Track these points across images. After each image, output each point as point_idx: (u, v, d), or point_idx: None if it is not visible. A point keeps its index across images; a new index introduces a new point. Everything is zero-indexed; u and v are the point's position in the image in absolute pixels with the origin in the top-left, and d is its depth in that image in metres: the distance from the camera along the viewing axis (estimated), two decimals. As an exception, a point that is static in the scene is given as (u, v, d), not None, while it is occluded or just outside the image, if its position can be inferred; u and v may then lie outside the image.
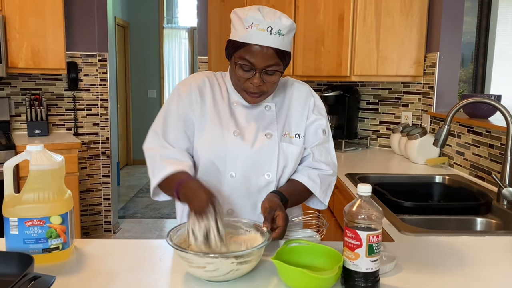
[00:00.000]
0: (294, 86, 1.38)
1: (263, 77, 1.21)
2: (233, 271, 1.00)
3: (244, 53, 1.20)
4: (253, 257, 1.01)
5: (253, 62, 1.19)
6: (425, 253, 1.25)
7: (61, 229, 1.14)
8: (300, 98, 1.36)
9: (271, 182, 1.29)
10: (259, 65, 1.19)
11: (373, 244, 0.98)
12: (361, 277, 0.99)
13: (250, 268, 1.03)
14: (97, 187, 3.89)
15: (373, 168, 2.39)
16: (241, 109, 1.32)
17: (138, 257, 1.19)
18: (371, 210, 0.99)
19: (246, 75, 1.22)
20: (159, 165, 1.23)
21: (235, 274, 1.01)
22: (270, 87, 1.25)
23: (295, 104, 1.36)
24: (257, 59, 1.19)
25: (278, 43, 1.19)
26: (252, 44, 1.18)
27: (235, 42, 1.22)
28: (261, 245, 1.02)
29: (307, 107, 1.36)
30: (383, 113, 2.99)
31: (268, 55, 1.19)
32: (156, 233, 4.04)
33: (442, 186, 2.13)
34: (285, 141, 1.31)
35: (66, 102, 3.70)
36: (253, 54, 1.19)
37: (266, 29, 1.17)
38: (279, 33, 1.19)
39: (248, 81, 1.23)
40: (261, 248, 1.03)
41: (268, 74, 1.22)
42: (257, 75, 1.21)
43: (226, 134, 1.27)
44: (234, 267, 0.99)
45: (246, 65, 1.20)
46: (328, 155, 1.38)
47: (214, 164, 1.28)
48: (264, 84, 1.23)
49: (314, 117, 1.36)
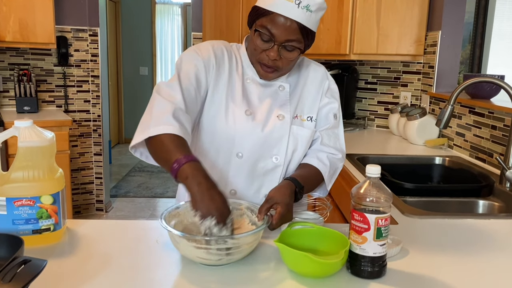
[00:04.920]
0: (310, 67, 1.32)
1: (280, 51, 1.14)
2: (224, 259, 0.97)
3: (267, 21, 1.12)
4: (241, 247, 0.96)
5: (273, 33, 1.12)
6: (430, 236, 1.22)
7: (52, 209, 1.08)
8: (316, 80, 1.30)
9: (278, 166, 1.24)
10: (279, 38, 1.12)
11: (381, 228, 0.94)
12: (368, 262, 0.95)
13: (243, 254, 0.99)
14: (88, 166, 3.82)
15: (372, 149, 2.35)
16: (255, 87, 1.25)
17: (134, 238, 1.14)
18: (380, 192, 0.95)
19: (264, 45, 1.14)
20: (157, 118, 1.06)
21: (226, 260, 0.97)
22: (285, 64, 1.17)
23: (309, 86, 1.29)
24: (279, 31, 1.11)
25: (304, 19, 1.11)
26: (276, 14, 1.10)
27: (259, 9, 1.14)
28: (243, 235, 0.95)
29: (321, 89, 1.30)
30: (382, 93, 2.94)
31: (292, 29, 1.11)
32: (149, 212, 4.00)
33: (442, 168, 2.10)
34: (296, 124, 1.25)
35: (56, 78, 3.60)
36: (275, 25, 1.11)
37: (294, 1, 1.09)
38: (307, 8, 1.11)
39: (264, 52, 1.15)
40: (251, 236, 0.96)
41: (287, 50, 1.14)
42: (275, 47, 1.13)
43: (238, 113, 1.21)
44: (222, 256, 0.95)
45: (266, 34, 1.12)
46: (337, 140, 1.32)
47: (221, 141, 1.22)
48: (280, 60, 1.15)
49: (326, 100, 1.30)
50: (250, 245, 0.98)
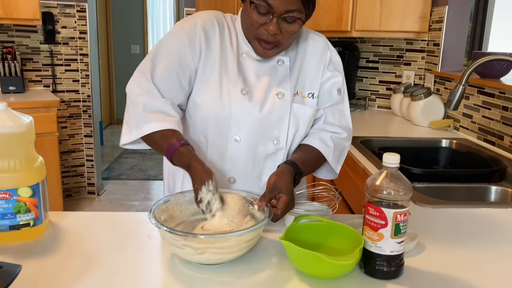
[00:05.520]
0: (309, 37, 1.19)
1: (280, 24, 1.02)
2: (215, 259, 0.87)
3: None
4: (234, 247, 0.85)
5: (271, 3, 0.99)
6: (446, 227, 1.13)
7: (32, 202, 0.97)
8: (316, 51, 1.18)
9: (280, 149, 1.13)
10: (279, 9, 1.00)
11: (400, 224, 0.84)
12: (384, 261, 0.86)
13: (236, 255, 0.88)
14: (79, 148, 3.69)
15: (374, 131, 2.24)
16: (251, 63, 1.13)
17: (123, 233, 1.04)
18: (399, 184, 0.84)
19: (261, 19, 1.03)
20: (143, 119, 1.05)
21: (218, 260, 0.87)
22: (287, 38, 1.05)
23: (309, 58, 1.17)
24: (277, 1, 0.99)
25: None
26: None
27: None
28: (243, 232, 0.85)
29: (322, 62, 1.18)
30: (383, 72, 2.82)
31: None
32: (142, 195, 3.90)
33: (449, 151, 2.01)
34: (296, 102, 1.14)
35: (43, 56, 3.43)
36: None
37: None
38: None
39: (262, 26, 1.03)
40: (247, 234, 0.85)
41: (287, 22, 1.03)
42: (274, 20, 1.01)
43: (233, 92, 1.09)
44: (213, 256, 0.85)
45: (263, 6, 1.00)
46: (342, 117, 1.22)
47: (216, 125, 1.11)
48: (280, 33, 1.03)
49: (329, 74, 1.18)
50: (250, 242, 0.88)
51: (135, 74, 1.11)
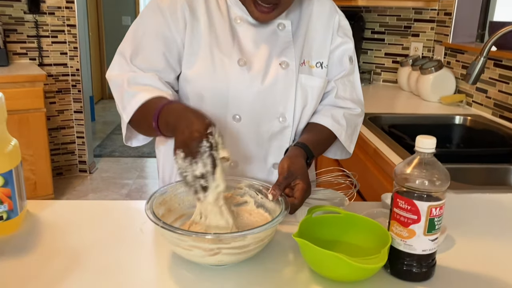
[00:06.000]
0: None
1: None
2: (228, 260, 0.74)
3: None
4: (250, 246, 0.73)
5: None
6: (474, 217, 1.01)
7: (4, 192, 0.84)
8: (322, 15, 1.03)
9: (286, 127, 1.00)
10: None
11: (434, 219, 0.72)
12: (414, 261, 0.74)
13: (251, 254, 0.76)
14: (69, 124, 3.54)
15: (381, 107, 2.11)
16: (247, 28, 0.97)
17: (112, 226, 0.92)
18: (434, 173, 0.72)
19: None
20: (128, 94, 0.89)
21: (231, 261, 0.75)
22: None
23: (315, 23, 1.03)
24: None
25: None
26: None
27: None
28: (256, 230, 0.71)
29: (330, 27, 1.04)
30: (390, 44, 2.66)
31: None
32: (136, 173, 3.77)
33: (462, 128, 1.88)
34: (303, 72, 1.00)
35: (28, 27, 3.23)
36: None
37: None
38: None
39: None
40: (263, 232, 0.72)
41: None
42: None
43: (228, 64, 0.95)
44: (227, 257, 0.73)
45: None
46: (353, 90, 1.09)
47: (212, 103, 0.97)
48: None
49: (339, 40, 1.04)
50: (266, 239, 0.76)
51: (114, 58, 0.97)
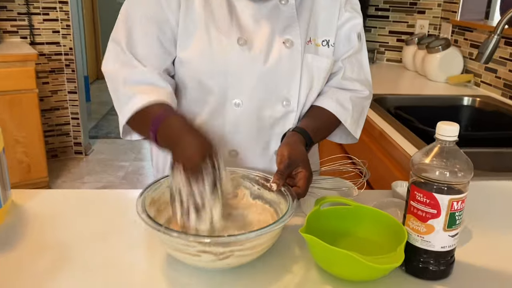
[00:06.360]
0: None
1: None
2: (237, 262, 0.68)
3: None
4: (262, 245, 0.67)
5: None
6: (493, 207, 0.95)
7: (-16, 183, 0.77)
8: None
9: (290, 112, 0.93)
10: None
11: (455, 213, 0.66)
12: (432, 258, 0.68)
13: (260, 254, 0.69)
14: (63, 105, 3.44)
15: (386, 88, 2.03)
16: (246, 4, 0.89)
17: (105, 218, 0.85)
18: (456, 163, 0.65)
19: None
20: (124, 95, 0.84)
21: (239, 263, 0.68)
22: None
23: None
24: None
25: None
26: None
27: None
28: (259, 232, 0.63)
29: (337, 1, 0.95)
30: (394, 21, 2.56)
31: None
32: (133, 155, 3.70)
33: (471, 110, 1.81)
34: (309, 52, 0.92)
35: (17, 4, 3.11)
36: None
37: None
38: None
39: None
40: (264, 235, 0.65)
41: None
42: None
43: (226, 43, 0.87)
44: (237, 260, 0.67)
45: None
46: (361, 70, 1.01)
47: (210, 87, 0.89)
48: None
49: (347, 15, 0.96)
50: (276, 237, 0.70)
51: (108, 47, 0.90)
